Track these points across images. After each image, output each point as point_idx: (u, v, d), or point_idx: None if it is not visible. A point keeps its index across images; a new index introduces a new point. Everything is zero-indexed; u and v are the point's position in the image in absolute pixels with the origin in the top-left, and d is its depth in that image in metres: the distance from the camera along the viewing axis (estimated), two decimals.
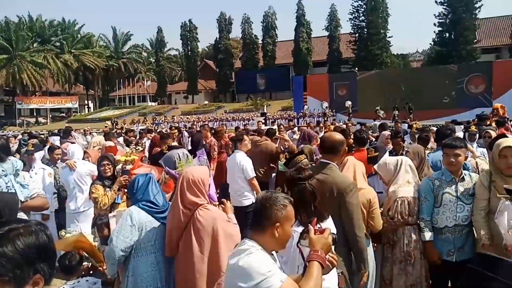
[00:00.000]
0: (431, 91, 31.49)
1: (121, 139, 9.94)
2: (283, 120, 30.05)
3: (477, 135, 6.52)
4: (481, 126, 7.04)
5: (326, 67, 50.79)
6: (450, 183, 3.42)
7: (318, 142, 8.50)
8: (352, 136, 6.03)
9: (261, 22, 54.80)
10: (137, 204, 2.97)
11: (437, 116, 26.95)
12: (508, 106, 27.29)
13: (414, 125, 7.89)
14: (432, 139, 6.16)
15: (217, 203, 3.22)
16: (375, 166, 3.69)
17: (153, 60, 66.16)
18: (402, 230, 3.44)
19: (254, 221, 1.93)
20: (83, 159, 5.73)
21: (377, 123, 12.07)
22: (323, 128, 12.94)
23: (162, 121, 38.00)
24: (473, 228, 3.40)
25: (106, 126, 21.43)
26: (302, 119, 31.32)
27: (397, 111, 29.15)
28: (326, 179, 3.00)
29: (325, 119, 24.48)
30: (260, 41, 55.38)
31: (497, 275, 0.97)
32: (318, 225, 1.95)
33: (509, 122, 10.97)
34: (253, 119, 32.25)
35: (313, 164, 4.00)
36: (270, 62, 54.31)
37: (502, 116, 13.62)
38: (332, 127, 11.70)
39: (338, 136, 3.23)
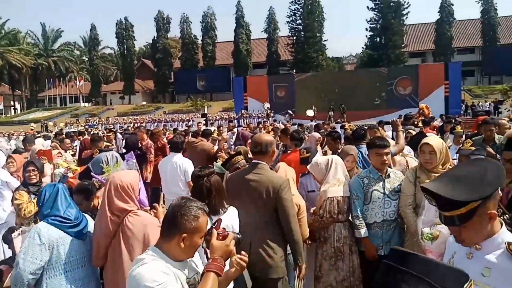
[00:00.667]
0: (364, 92, 33.07)
1: (48, 142, 9.30)
2: (224, 121, 29.98)
3: (404, 134, 6.92)
4: (406, 126, 7.46)
5: (265, 69, 51.52)
6: (378, 180, 3.58)
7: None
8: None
9: (200, 22, 54.39)
10: (45, 220, 2.70)
11: (370, 117, 28.30)
12: (432, 106, 29.50)
13: (347, 126, 8.20)
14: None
15: (149, 208, 3.09)
16: (308, 167, 3.77)
17: (87, 59, 63.07)
18: (333, 227, 3.55)
19: (163, 227, 1.87)
20: (7, 164, 5.31)
21: (313, 123, 12.42)
22: (263, 129, 13.06)
23: (96, 123, 36.30)
24: (400, 223, 3.59)
25: (32, 129, 20.01)
26: (242, 120, 31.44)
27: (332, 112, 30.27)
28: (261, 178, 3.06)
29: (265, 120, 24.75)
30: (199, 41, 54.86)
31: (410, 269, 1.00)
32: (221, 228, 1.88)
33: (433, 121, 11.79)
34: (193, 120, 31.82)
35: None
36: (210, 62, 54.00)
37: (427, 116, 14.68)
38: (270, 127, 11.88)
39: (267, 137, 3.30)
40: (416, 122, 9.98)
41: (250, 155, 4.87)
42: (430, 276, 1.01)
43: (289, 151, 5.57)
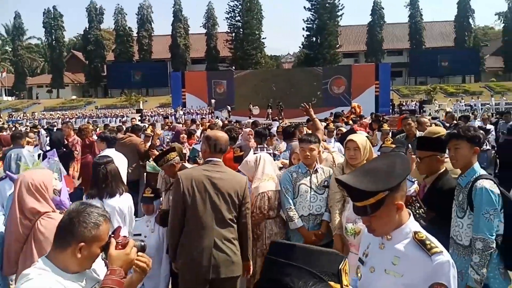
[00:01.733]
0: (301, 91, 33.94)
1: None
2: (160, 117, 29.24)
3: (334, 131, 7.19)
4: (336, 123, 7.74)
5: (204, 65, 51.01)
6: (305, 175, 3.66)
7: (196, 138, 8.46)
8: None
9: (136, 14, 52.52)
10: None
11: (306, 114, 29.11)
12: (364, 105, 30.96)
13: (281, 123, 8.38)
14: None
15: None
16: (239, 166, 3.77)
17: (10, 49, 58.33)
18: (264, 224, 3.57)
19: (57, 235, 1.66)
20: None
21: (251, 120, 12.48)
22: (200, 126, 12.88)
23: (20, 118, 33.71)
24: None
25: None
26: (179, 116, 30.80)
27: (270, 110, 30.75)
28: (226, 177, 3.05)
29: (203, 117, 24.50)
30: (135, 34, 52.95)
31: (291, 261, 1.01)
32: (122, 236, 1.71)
33: (363, 119, 12.35)
34: (127, 116, 30.66)
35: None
36: (146, 56, 52.36)
37: (358, 114, 15.40)
38: (207, 124, 11.73)
39: (225, 135, 3.26)
40: (346, 120, 10.41)
41: (185, 152, 4.77)
42: (309, 264, 1.03)
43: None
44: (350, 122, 10.21)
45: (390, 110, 31.71)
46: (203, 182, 2.94)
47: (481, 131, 5.13)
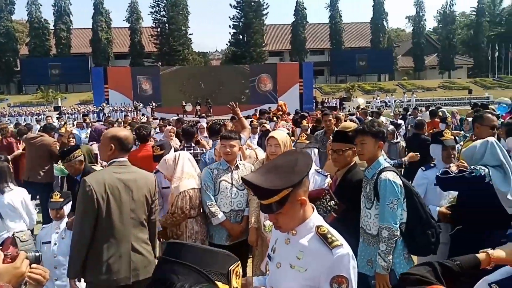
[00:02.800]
0: (229, 88, 34.04)
1: None
2: (80, 114, 27.54)
3: (258, 128, 7.32)
4: (261, 120, 7.89)
5: (129, 60, 49.03)
6: (227, 171, 3.67)
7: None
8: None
9: (53, 5, 48.99)
10: None
11: (233, 114, 29.26)
12: (289, 102, 31.89)
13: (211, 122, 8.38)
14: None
15: None
16: (157, 166, 3.68)
17: None
18: (185, 224, 3.52)
19: None
20: None
21: (176, 117, 12.25)
22: (124, 123, 12.38)
23: None
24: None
25: None
26: (110, 113, 29.12)
27: (199, 107, 30.46)
28: (137, 177, 2.92)
29: (127, 114, 23.45)
30: (51, 27, 49.31)
31: (182, 260, 1.03)
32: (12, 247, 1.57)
33: (288, 116, 12.71)
34: (44, 114, 28.49)
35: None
36: (64, 50, 49.07)
37: (284, 112, 15.88)
38: (129, 122, 11.31)
39: (128, 132, 3.10)
40: (271, 117, 10.66)
41: (97, 152, 4.55)
42: (199, 263, 1.04)
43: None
44: (275, 119, 10.47)
45: (314, 107, 33.00)
46: (117, 186, 2.79)
47: (392, 126, 5.49)
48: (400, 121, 11.22)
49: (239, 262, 1.14)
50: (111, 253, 2.76)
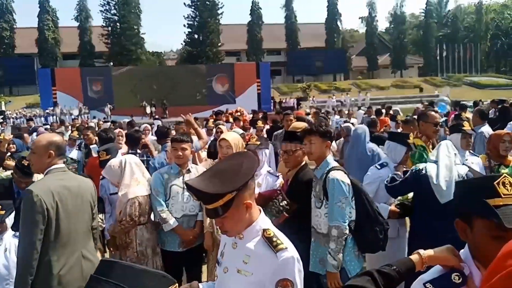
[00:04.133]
0: (185, 88, 33.61)
1: None
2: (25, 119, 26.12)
3: (214, 129, 7.23)
4: (217, 121, 7.81)
5: (78, 60, 47.11)
6: (178, 175, 3.57)
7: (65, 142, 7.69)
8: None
9: None
10: None
11: (191, 112, 28.89)
12: (247, 102, 31.99)
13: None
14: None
15: None
16: (103, 172, 3.52)
17: None
18: (134, 231, 3.39)
19: None
20: None
21: (127, 120, 11.87)
22: (70, 127, 11.88)
23: None
24: None
25: None
26: (63, 116, 27.69)
27: (154, 108, 29.86)
28: (79, 183, 2.77)
29: (75, 117, 22.54)
30: None
31: (112, 279, 0.99)
32: None
33: (243, 116, 12.70)
34: None
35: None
36: (8, 50, 46.24)
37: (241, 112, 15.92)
38: (77, 125, 10.85)
39: (59, 137, 2.92)
40: (226, 119, 10.61)
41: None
42: (131, 283, 1.01)
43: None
44: (231, 120, 10.42)
45: (272, 107, 33.27)
46: (64, 194, 2.64)
47: (348, 124, 5.56)
48: (353, 120, 11.53)
49: (176, 284, 1.11)
50: (62, 264, 2.62)
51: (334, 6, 53.14)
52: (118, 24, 45.57)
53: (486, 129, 5.58)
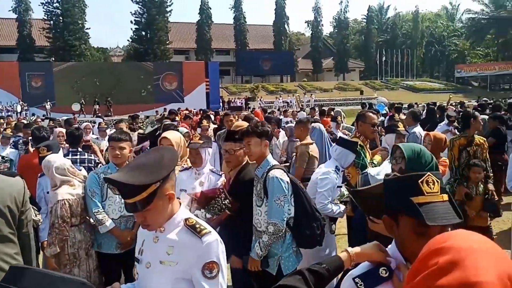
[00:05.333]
0: (130, 86, 32.69)
1: None
2: None
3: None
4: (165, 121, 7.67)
5: (16, 54, 44.22)
6: None
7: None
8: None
9: None
10: None
11: (137, 110, 28.14)
12: (196, 101, 31.67)
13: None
14: None
15: None
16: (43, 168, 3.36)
17: None
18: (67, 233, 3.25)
19: None
20: None
21: (65, 118, 11.34)
22: (7, 125, 11.16)
23: None
24: None
25: None
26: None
27: (97, 106, 28.74)
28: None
29: (9, 114, 21.19)
30: None
31: (17, 285, 0.94)
32: None
33: (193, 117, 12.59)
34: None
35: None
36: None
37: (191, 112, 15.79)
38: (13, 123, 10.23)
39: None
40: (178, 118, 10.50)
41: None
42: None
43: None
44: (177, 118, 10.30)
45: (221, 107, 33.23)
46: None
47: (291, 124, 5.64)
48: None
49: None
50: None
51: (282, 9, 54.00)
52: (61, 18, 43.25)
53: (418, 130, 5.97)
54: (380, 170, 3.21)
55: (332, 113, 9.27)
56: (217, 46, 52.18)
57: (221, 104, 34.79)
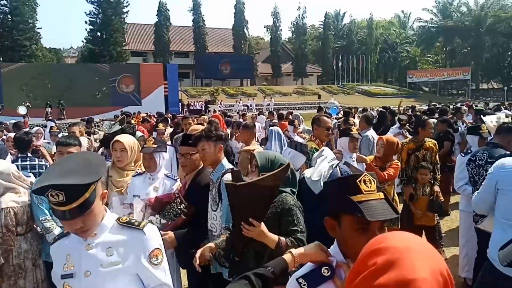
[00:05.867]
0: (84, 88, 31.53)
1: None
2: None
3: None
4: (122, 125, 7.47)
5: None
6: None
7: None
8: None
9: None
10: None
11: (92, 113, 27.19)
12: (154, 104, 31.05)
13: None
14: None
15: None
16: None
17: None
18: (12, 242, 3.08)
19: None
20: None
21: (13, 121, 10.76)
22: None
23: None
24: None
25: None
26: None
27: (49, 108, 27.48)
28: None
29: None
30: None
31: None
32: None
33: (152, 119, 12.34)
34: None
35: None
36: None
37: (149, 116, 15.48)
38: None
39: None
40: (135, 122, 10.28)
41: None
42: None
43: None
44: (132, 121, 10.09)
45: (180, 110, 32.76)
46: None
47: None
48: (257, 124, 11.87)
49: None
50: None
51: (241, 13, 54.20)
52: (9, 16, 41.10)
53: (371, 133, 6.17)
54: (314, 171, 3.29)
55: (291, 117, 9.41)
56: (176, 49, 51.54)
57: (180, 107, 34.31)
